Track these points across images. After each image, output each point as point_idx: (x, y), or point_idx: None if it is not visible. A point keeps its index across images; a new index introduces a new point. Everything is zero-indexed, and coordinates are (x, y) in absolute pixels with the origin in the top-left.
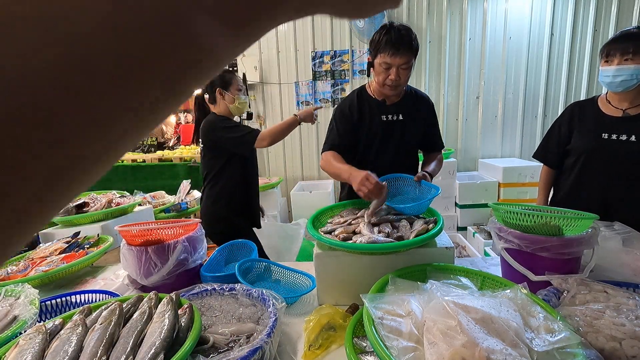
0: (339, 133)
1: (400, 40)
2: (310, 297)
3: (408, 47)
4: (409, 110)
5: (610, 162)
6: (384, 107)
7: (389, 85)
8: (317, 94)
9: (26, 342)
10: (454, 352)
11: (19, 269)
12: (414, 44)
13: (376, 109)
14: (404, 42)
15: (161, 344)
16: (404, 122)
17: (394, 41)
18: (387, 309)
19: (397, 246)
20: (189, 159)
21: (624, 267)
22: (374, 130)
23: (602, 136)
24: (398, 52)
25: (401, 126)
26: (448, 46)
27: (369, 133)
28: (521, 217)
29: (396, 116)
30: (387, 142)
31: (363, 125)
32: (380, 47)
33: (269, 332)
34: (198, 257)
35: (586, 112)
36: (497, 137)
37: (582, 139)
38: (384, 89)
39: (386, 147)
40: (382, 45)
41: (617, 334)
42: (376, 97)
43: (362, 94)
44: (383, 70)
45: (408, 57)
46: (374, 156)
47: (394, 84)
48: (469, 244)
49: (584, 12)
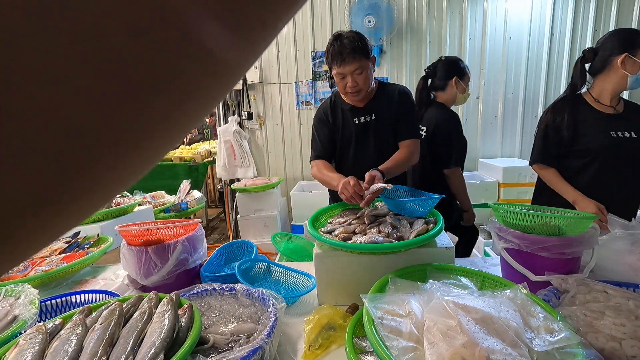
0: (320, 140)
1: (344, 50)
2: (310, 297)
3: (354, 54)
4: (380, 108)
5: (624, 160)
6: (356, 110)
7: (350, 92)
8: (317, 94)
9: (26, 342)
10: (454, 352)
11: (19, 268)
12: (361, 48)
13: (349, 113)
14: (347, 50)
15: (161, 344)
16: (377, 121)
17: (338, 52)
18: (387, 309)
19: (397, 246)
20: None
21: (627, 267)
22: (348, 134)
23: (611, 135)
24: (344, 61)
25: (374, 126)
26: (448, 46)
27: (344, 137)
28: (521, 217)
29: (369, 117)
30: (363, 144)
31: (338, 130)
32: (329, 60)
33: (269, 332)
34: (198, 257)
35: (581, 111)
36: (497, 137)
37: (595, 139)
38: (348, 96)
39: (363, 150)
40: (330, 58)
41: (617, 334)
42: (348, 102)
43: (335, 99)
44: (340, 80)
45: (357, 62)
46: (352, 160)
47: (354, 90)
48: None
49: (584, 12)
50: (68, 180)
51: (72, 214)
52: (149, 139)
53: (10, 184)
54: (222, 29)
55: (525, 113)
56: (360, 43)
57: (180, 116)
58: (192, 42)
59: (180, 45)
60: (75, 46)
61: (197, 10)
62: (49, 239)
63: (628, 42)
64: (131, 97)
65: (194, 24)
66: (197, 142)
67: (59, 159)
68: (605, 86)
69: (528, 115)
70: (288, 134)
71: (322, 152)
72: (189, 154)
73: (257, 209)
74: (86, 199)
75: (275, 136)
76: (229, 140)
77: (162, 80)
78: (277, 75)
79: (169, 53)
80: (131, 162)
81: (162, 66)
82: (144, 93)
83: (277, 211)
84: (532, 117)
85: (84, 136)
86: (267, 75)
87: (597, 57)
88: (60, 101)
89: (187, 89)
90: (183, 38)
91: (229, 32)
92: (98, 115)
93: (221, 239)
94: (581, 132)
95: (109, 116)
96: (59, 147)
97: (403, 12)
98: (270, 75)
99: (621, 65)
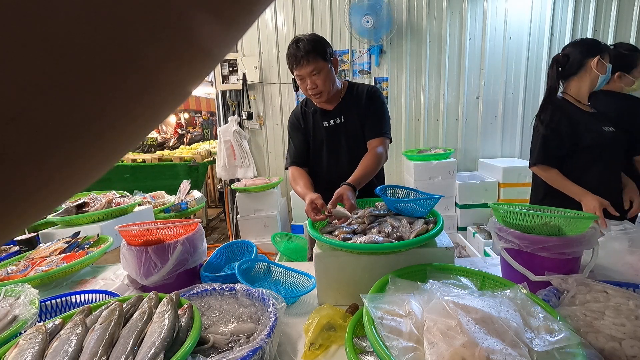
0: (295, 145)
1: (298, 52)
2: (310, 297)
3: (308, 56)
4: (348, 109)
5: (617, 153)
6: (325, 113)
7: (312, 94)
8: None
9: (26, 342)
10: (454, 352)
11: (19, 269)
12: (314, 50)
13: (318, 117)
14: (301, 53)
15: (161, 344)
16: (346, 124)
17: (293, 54)
18: (387, 309)
19: (397, 246)
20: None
21: (627, 267)
22: (320, 138)
23: (604, 130)
24: (300, 63)
25: (345, 128)
26: (448, 46)
27: (315, 142)
28: (521, 217)
29: (338, 119)
30: (336, 147)
31: (309, 135)
32: (288, 63)
33: (269, 332)
34: (198, 257)
35: (571, 110)
36: (497, 137)
37: (591, 136)
38: (312, 99)
39: (337, 153)
40: (288, 60)
41: (617, 334)
42: (317, 105)
43: (306, 103)
44: (301, 83)
45: (313, 63)
46: (326, 164)
47: (314, 92)
48: (469, 244)
49: (584, 12)
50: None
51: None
52: (111, 130)
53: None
54: (208, 16)
55: (525, 113)
56: (316, 45)
57: (147, 103)
58: (181, 27)
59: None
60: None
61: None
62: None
63: (597, 47)
64: (87, 82)
65: (181, 10)
66: (197, 142)
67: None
68: (581, 86)
69: (528, 115)
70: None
71: (297, 158)
72: (189, 154)
73: (257, 209)
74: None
75: (275, 136)
76: (229, 140)
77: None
78: (277, 75)
79: (139, 35)
80: (90, 156)
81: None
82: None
83: (277, 211)
84: (532, 117)
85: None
86: (267, 75)
87: (569, 61)
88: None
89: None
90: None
91: (215, 20)
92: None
93: (221, 239)
94: (581, 130)
95: (71, 102)
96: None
97: (403, 12)
98: (270, 75)
99: (595, 66)
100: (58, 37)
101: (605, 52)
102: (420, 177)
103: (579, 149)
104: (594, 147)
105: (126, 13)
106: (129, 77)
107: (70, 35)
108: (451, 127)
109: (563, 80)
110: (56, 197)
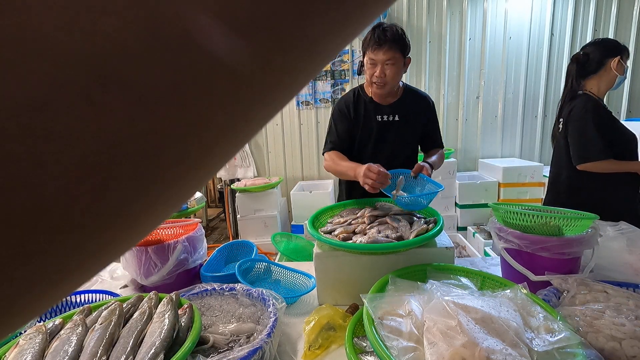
0: (337, 132)
1: (384, 37)
2: (310, 297)
3: (391, 43)
4: (405, 110)
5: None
6: (379, 107)
7: (375, 82)
8: (317, 94)
9: (26, 342)
10: (454, 352)
11: None
12: (399, 41)
13: (372, 109)
14: (387, 38)
15: (161, 344)
16: (400, 123)
17: (377, 37)
18: (387, 309)
19: (397, 246)
20: None
21: (627, 267)
22: (369, 130)
23: (626, 128)
24: (380, 47)
25: (397, 127)
26: (448, 46)
27: (364, 133)
28: (521, 217)
29: (392, 117)
30: (383, 143)
31: (358, 125)
32: (365, 44)
33: (269, 332)
34: (198, 257)
35: (599, 107)
36: (497, 137)
37: (624, 130)
38: (372, 87)
39: (381, 148)
40: (367, 42)
41: (617, 334)
42: (372, 97)
43: (360, 92)
44: (370, 67)
45: (392, 53)
46: (369, 157)
47: (380, 82)
48: (469, 244)
49: (584, 12)
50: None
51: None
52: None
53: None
54: (222, 27)
55: (525, 113)
56: (401, 36)
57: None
58: (191, 44)
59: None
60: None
61: (192, 6)
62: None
63: (617, 48)
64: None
65: (191, 20)
66: None
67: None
68: (600, 86)
69: (528, 115)
70: (288, 134)
71: (338, 144)
72: None
73: (257, 209)
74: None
75: (275, 136)
76: None
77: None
78: None
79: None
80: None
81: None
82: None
83: (277, 211)
84: (532, 117)
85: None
86: None
87: (589, 60)
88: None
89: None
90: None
91: (232, 32)
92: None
93: (221, 239)
94: (616, 125)
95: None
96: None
97: (403, 12)
98: None
99: (614, 66)
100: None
101: (625, 53)
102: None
103: (619, 142)
104: (633, 140)
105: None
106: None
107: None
108: (451, 127)
109: (581, 79)
110: (155, 221)
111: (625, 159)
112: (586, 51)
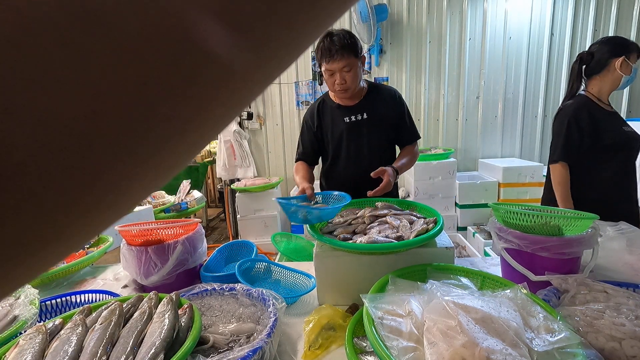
0: (303, 143)
1: (332, 46)
2: (310, 297)
3: (343, 51)
4: (372, 107)
5: (634, 153)
6: (346, 109)
7: (338, 90)
8: (317, 94)
9: (26, 342)
10: (454, 352)
11: None
12: (349, 46)
13: (338, 114)
14: (336, 47)
15: (161, 344)
16: (368, 120)
17: (327, 48)
18: (387, 309)
19: (397, 246)
20: None
21: (627, 267)
22: (339, 133)
23: (624, 130)
24: (333, 58)
25: (367, 125)
26: (448, 46)
27: (334, 137)
28: (521, 217)
29: (360, 116)
30: (356, 142)
31: (327, 131)
32: (319, 56)
33: (269, 332)
34: (198, 257)
35: (592, 110)
36: (497, 137)
37: (615, 135)
38: (336, 94)
39: (356, 148)
40: (319, 54)
41: (617, 334)
42: (339, 102)
43: (325, 100)
44: (329, 77)
45: (346, 59)
46: (344, 159)
47: (342, 88)
48: (469, 244)
49: (584, 12)
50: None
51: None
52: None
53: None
54: (221, 26)
55: (525, 113)
56: (350, 41)
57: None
58: (189, 39)
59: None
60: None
61: (193, 5)
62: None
63: (624, 47)
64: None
65: (190, 20)
66: None
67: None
68: (603, 86)
69: (528, 115)
70: (288, 134)
71: (304, 155)
72: None
73: (257, 209)
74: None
75: (275, 136)
76: (229, 140)
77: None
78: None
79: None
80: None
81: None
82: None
83: (277, 211)
84: (532, 117)
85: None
86: None
87: (593, 59)
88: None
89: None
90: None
91: (231, 30)
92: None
93: (221, 239)
94: (602, 129)
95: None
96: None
97: (403, 12)
98: None
99: (619, 67)
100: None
101: (633, 53)
102: (420, 177)
103: (597, 147)
104: (612, 146)
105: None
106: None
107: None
108: (451, 127)
109: (586, 78)
110: (143, 191)
111: (623, 162)
112: (592, 50)
